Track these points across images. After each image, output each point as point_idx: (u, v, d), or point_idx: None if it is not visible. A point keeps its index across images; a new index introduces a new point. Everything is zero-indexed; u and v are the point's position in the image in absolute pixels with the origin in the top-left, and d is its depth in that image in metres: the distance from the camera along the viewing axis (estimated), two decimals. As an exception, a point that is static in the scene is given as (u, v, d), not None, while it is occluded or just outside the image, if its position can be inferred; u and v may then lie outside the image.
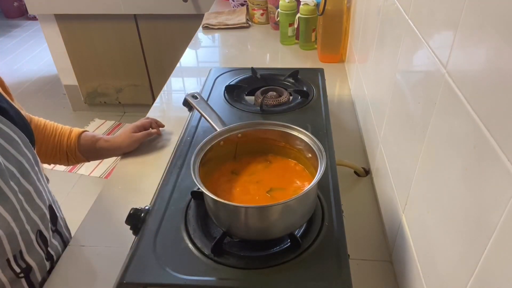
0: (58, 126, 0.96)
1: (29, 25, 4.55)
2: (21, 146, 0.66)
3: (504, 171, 0.34)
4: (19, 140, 0.66)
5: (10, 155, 0.63)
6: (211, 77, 1.09)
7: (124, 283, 0.54)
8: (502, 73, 0.35)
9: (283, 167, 0.71)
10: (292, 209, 0.58)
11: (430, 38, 0.55)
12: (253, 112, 0.93)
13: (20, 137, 0.66)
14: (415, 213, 0.59)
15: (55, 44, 2.59)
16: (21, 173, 0.65)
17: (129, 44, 2.51)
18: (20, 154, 0.65)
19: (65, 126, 0.96)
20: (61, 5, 2.36)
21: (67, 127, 0.96)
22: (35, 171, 0.69)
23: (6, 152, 0.63)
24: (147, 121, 1.03)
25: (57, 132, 0.94)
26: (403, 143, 0.66)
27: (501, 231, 0.34)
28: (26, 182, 0.66)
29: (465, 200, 0.42)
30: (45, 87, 3.33)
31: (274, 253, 0.60)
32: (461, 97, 0.43)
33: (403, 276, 0.64)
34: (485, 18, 0.38)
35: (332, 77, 1.30)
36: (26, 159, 0.66)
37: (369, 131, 0.94)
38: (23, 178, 0.65)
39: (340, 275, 0.55)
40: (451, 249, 0.45)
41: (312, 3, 1.38)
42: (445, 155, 0.47)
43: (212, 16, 1.80)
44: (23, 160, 0.66)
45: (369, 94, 0.97)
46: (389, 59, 0.76)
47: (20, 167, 0.65)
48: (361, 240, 0.74)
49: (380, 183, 0.81)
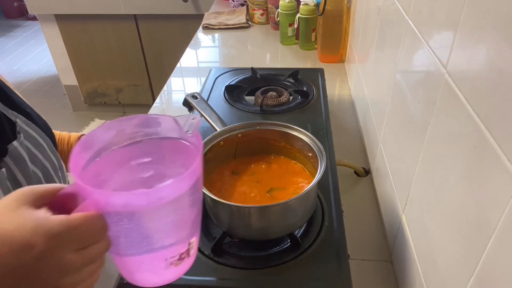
0: (56, 132, 0.95)
1: (29, 25, 4.55)
2: (46, 150, 0.66)
3: (504, 171, 0.34)
4: (44, 145, 0.66)
5: (37, 159, 0.63)
6: (211, 77, 1.09)
7: (124, 283, 0.54)
8: (502, 73, 0.35)
9: (283, 167, 0.71)
10: (292, 209, 0.58)
11: (430, 38, 0.55)
12: (253, 112, 0.93)
13: (46, 141, 0.66)
14: (415, 213, 0.59)
15: (55, 44, 2.59)
16: (45, 178, 0.64)
17: (129, 44, 2.51)
18: (46, 159, 0.65)
19: (63, 132, 0.96)
20: (61, 5, 2.36)
21: (65, 133, 0.96)
22: (58, 176, 0.69)
23: (33, 157, 0.62)
24: None
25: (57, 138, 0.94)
26: (403, 143, 0.66)
27: (501, 231, 0.34)
28: None
29: (465, 200, 0.42)
30: (45, 87, 3.33)
31: (274, 253, 0.60)
32: (461, 97, 0.43)
33: (403, 276, 0.64)
34: (485, 18, 0.38)
35: (332, 77, 1.30)
36: (51, 163, 0.66)
37: (369, 131, 0.94)
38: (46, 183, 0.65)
39: (340, 275, 0.55)
40: (451, 249, 0.45)
41: (312, 3, 1.38)
42: (445, 155, 0.47)
43: (212, 16, 1.80)
44: (48, 165, 0.65)
45: (369, 94, 0.97)
46: (389, 59, 0.76)
47: (45, 172, 0.64)
48: (361, 240, 0.74)
49: (380, 183, 0.81)
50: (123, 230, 0.35)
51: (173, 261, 0.40)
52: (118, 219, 0.34)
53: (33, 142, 0.63)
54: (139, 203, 0.34)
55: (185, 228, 0.40)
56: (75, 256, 0.32)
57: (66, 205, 0.34)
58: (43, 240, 0.31)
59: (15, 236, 0.31)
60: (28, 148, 0.61)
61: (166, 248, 0.39)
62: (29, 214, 0.32)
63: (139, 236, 0.36)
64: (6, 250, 0.30)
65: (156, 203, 0.34)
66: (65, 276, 0.32)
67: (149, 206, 0.34)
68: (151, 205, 0.34)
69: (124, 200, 0.33)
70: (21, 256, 0.30)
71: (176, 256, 0.40)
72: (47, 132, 0.69)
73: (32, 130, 0.64)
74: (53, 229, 0.31)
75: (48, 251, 0.31)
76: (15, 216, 0.31)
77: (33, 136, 0.64)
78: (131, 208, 0.34)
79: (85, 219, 0.32)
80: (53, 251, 0.31)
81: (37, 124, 0.67)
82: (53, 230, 0.31)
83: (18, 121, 0.63)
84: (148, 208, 0.34)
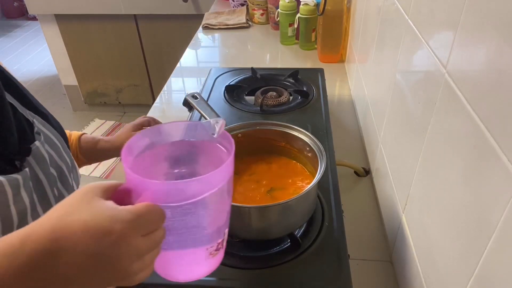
0: None
1: (29, 25, 4.55)
2: (61, 150, 0.66)
3: (504, 171, 0.34)
4: (59, 145, 0.66)
5: (53, 160, 0.63)
6: (211, 77, 1.09)
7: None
8: (502, 73, 0.35)
9: (283, 167, 0.71)
10: (292, 209, 0.58)
11: (430, 38, 0.55)
12: (253, 112, 0.93)
13: (60, 142, 0.66)
14: (415, 213, 0.59)
15: (55, 44, 2.59)
16: (60, 178, 0.65)
17: (129, 44, 2.51)
18: (60, 159, 0.65)
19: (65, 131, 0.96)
20: (61, 5, 2.36)
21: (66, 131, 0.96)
22: (71, 176, 0.69)
23: (50, 157, 0.63)
24: (145, 119, 1.03)
25: None
26: (403, 143, 0.66)
27: (501, 230, 0.34)
28: (63, 187, 0.66)
29: (465, 200, 0.42)
30: (45, 87, 3.33)
31: (274, 253, 0.60)
32: (461, 97, 0.43)
33: (403, 276, 0.64)
34: (485, 18, 0.38)
35: (332, 77, 1.30)
36: (65, 163, 0.66)
37: (369, 131, 0.94)
38: (60, 184, 0.65)
39: (340, 275, 0.55)
40: (451, 249, 0.45)
41: (312, 3, 1.38)
42: (445, 155, 0.47)
43: (212, 16, 1.80)
44: (62, 165, 0.65)
45: (369, 94, 0.97)
46: (389, 59, 0.76)
47: (60, 172, 0.65)
48: (361, 240, 0.74)
49: (380, 183, 0.81)
50: (177, 218, 0.39)
51: (212, 250, 0.43)
52: (172, 209, 0.38)
53: (49, 143, 0.63)
54: (193, 191, 0.37)
55: (223, 217, 0.43)
56: (141, 241, 0.35)
57: (123, 200, 0.37)
58: (119, 227, 0.34)
59: (95, 223, 0.34)
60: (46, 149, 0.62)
61: (208, 237, 0.42)
62: (103, 204, 0.35)
63: (189, 224, 0.39)
64: (87, 236, 0.33)
65: (208, 190, 0.38)
66: (134, 262, 0.35)
67: (203, 192, 0.38)
68: (204, 192, 0.38)
69: (179, 188, 0.38)
70: (101, 242, 0.33)
71: (215, 245, 0.43)
72: (61, 132, 0.69)
73: (47, 131, 0.64)
74: (126, 216, 0.35)
75: (123, 236, 0.34)
76: (91, 207, 0.35)
77: (49, 136, 0.64)
78: (184, 196, 0.37)
79: (148, 207, 0.36)
80: (126, 237, 0.34)
81: (52, 124, 0.67)
82: (126, 217, 0.34)
83: (35, 121, 0.63)
84: (201, 195, 0.38)
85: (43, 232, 0.34)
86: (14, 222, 0.53)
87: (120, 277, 0.36)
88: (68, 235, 0.34)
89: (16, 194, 0.53)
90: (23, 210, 0.55)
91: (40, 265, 0.33)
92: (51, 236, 0.34)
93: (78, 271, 0.34)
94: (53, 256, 0.33)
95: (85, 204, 0.35)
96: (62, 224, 0.34)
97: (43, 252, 0.33)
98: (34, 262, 0.33)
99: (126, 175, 0.38)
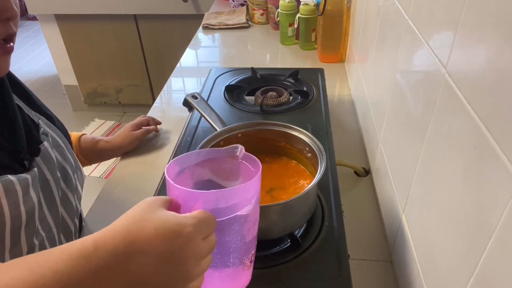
0: None
1: (29, 25, 4.55)
2: (65, 151, 0.66)
3: (504, 171, 0.34)
4: (64, 146, 0.66)
5: (58, 161, 0.63)
6: (211, 77, 1.09)
7: None
8: (502, 73, 0.35)
9: (283, 167, 0.71)
10: (292, 209, 0.58)
11: (430, 38, 0.55)
12: (253, 112, 0.93)
13: (64, 143, 0.67)
14: (415, 213, 0.59)
15: (55, 44, 2.59)
16: (64, 180, 0.65)
17: (129, 44, 2.51)
18: (65, 160, 0.65)
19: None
20: (61, 5, 2.36)
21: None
22: (75, 177, 0.69)
23: (56, 158, 0.63)
24: (144, 119, 1.04)
25: None
26: (403, 143, 0.66)
27: (501, 230, 0.34)
28: (67, 188, 0.66)
29: (465, 200, 0.42)
30: (45, 87, 3.33)
31: (274, 253, 0.60)
32: (461, 97, 0.43)
33: (403, 276, 0.64)
34: (485, 18, 0.38)
35: (332, 77, 1.30)
36: (69, 164, 0.67)
37: (369, 131, 0.94)
38: (64, 184, 0.65)
39: (340, 275, 0.55)
40: (451, 249, 0.45)
41: (312, 3, 1.38)
42: (445, 155, 0.47)
43: (212, 16, 1.81)
44: (67, 166, 0.66)
45: (369, 94, 0.97)
46: (389, 59, 0.76)
47: (65, 173, 0.65)
48: (361, 240, 0.74)
49: (380, 183, 0.81)
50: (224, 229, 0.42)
51: (247, 262, 0.46)
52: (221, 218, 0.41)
53: (54, 144, 0.64)
54: (237, 198, 0.41)
55: (256, 227, 0.46)
56: (202, 244, 0.38)
57: (177, 211, 0.40)
58: (187, 230, 0.37)
59: (166, 227, 0.36)
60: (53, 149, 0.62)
61: (246, 248, 0.45)
62: (168, 212, 0.38)
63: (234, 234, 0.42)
64: (160, 238, 0.36)
65: (249, 198, 0.42)
66: (195, 265, 0.38)
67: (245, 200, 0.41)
68: (246, 200, 0.41)
69: (225, 194, 0.41)
70: (172, 243, 0.36)
71: (250, 256, 0.46)
72: (64, 133, 0.69)
73: (52, 132, 0.65)
74: (191, 221, 0.37)
75: (191, 237, 0.37)
76: (160, 214, 0.38)
77: (54, 137, 0.64)
78: (232, 203, 0.41)
79: (205, 213, 0.39)
80: (193, 238, 0.37)
81: (56, 125, 0.68)
82: (191, 221, 0.37)
83: (41, 122, 0.63)
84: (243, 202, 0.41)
85: (118, 235, 0.36)
86: (23, 221, 0.53)
87: (182, 281, 0.38)
88: (142, 237, 0.36)
89: (26, 194, 0.54)
90: (31, 209, 0.55)
91: (115, 267, 0.35)
92: (126, 239, 0.35)
93: (149, 271, 0.36)
94: (128, 258, 0.35)
95: (153, 212, 0.37)
96: (136, 228, 0.36)
97: (118, 254, 0.35)
98: (109, 264, 0.34)
99: (173, 191, 0.41)
